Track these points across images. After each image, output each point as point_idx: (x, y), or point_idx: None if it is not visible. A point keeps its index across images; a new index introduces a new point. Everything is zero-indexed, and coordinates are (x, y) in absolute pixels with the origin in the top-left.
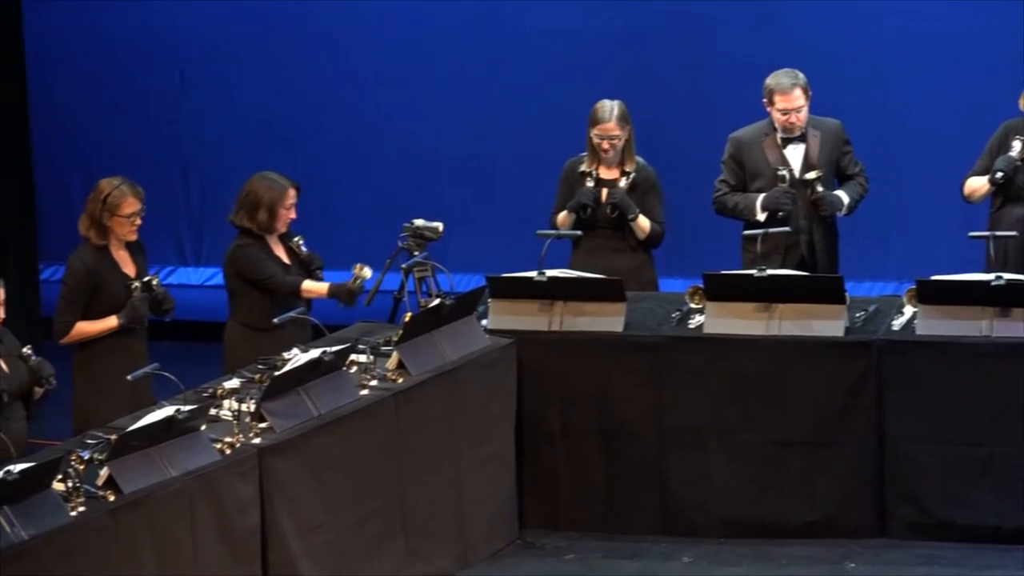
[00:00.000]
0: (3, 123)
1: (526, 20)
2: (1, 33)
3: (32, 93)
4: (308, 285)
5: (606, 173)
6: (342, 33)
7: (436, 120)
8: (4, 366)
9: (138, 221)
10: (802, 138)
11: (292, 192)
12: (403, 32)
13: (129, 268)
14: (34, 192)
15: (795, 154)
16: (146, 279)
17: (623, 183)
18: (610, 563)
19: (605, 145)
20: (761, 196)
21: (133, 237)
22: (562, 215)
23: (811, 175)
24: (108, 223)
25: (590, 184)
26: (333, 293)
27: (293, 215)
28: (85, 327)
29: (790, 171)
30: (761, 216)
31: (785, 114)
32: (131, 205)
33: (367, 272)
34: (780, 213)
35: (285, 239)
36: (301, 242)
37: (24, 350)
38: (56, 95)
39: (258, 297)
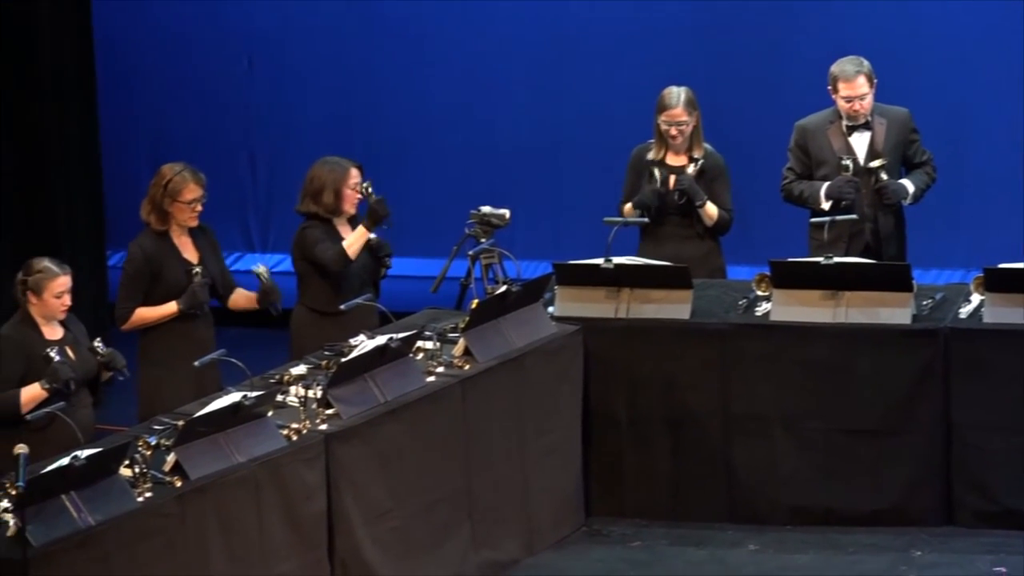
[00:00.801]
0: (71, 110)
1: (595, 6)
2: (71, 20)
3: (100, 80)
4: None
5: (674, 160)
6: (410, 20)
7: (504, 106)
8: (71, 353)
9: (199, 207)
10: (867, 126)
11: (354, 171)
12: (470, 18)
13: (191, 254)
14: (101, 178)
15: (860, 142)
16: (257, 270)
17: (691, 169)
18: (676, 550)
19: (673, 131)
20: (825, 184)
21: (194, 223)
22: (628, 207)
23: (875, 163)
24: (169, 209)
25: (654, 183)
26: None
27: (359, 195)
28: (145, 313)
29: (854, 160)
30: (825, 204)
31: (849, 101)
32: (192, 191)
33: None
34: (844, 202)
35: (355, 224)
36: (372, 193)
37: (95, 343)
38: (124, 82)
39: (325, 282)
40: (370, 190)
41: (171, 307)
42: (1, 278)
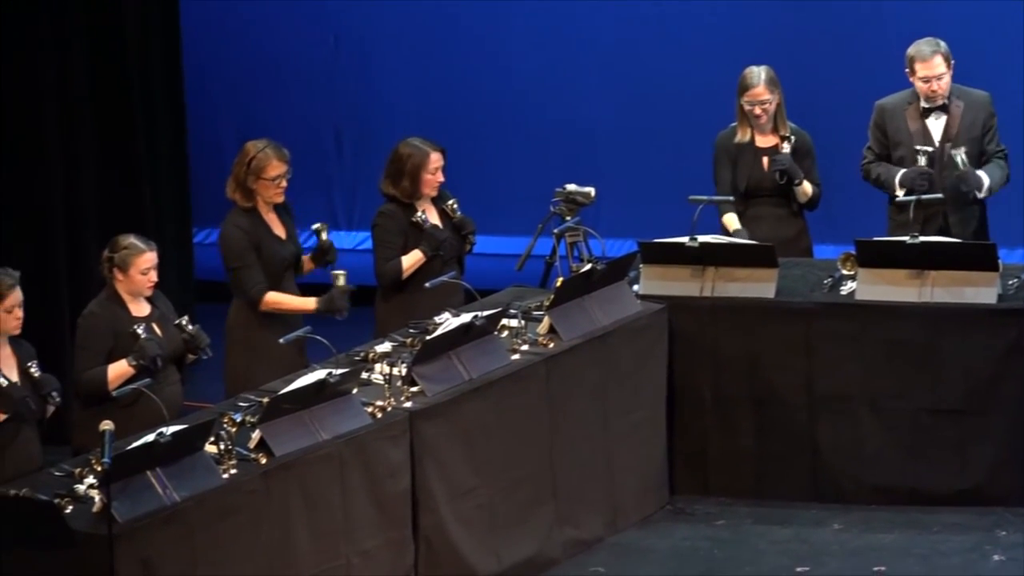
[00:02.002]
0: (158, 88)
1: None
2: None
3: (186, 57)
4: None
5: (763, 141)
6: None
7: (589, 84)
8: (158, 330)
9: (283, 183)
10: (944, 108)
11: (435, 156)
12: None
13: (279, 230)
14: (187, 156)
15: (936, 124)
16: (315, 227)
17: (786, 148)
18: (760, 529)
19: (757, 111)
20: (900, 173)
21: (279, 199)
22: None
23: (955, 152)
24: (253, 186)
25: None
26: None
27: (440, 179)
28: (281, 301)
29: (930, 154)
30: (900, 192)
31: (926, 82)
32: (276, 168)
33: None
34: (916, 193)
35: (439, 202)
36: (455, 205)
37: (182, 320)
38: (210, 59)
39: None
40: (455, 208)
41: (309, 304)
42: (88, 256)
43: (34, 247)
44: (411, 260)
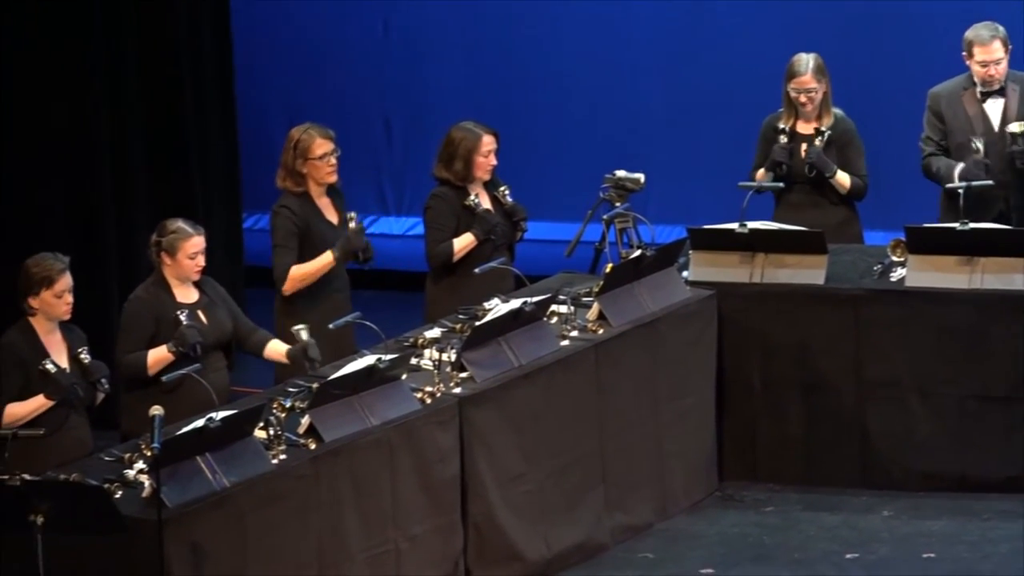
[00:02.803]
0: (208, 74)
1: None
2: None
3: (236, 44)
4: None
5: (803, 128)
6: None
7: (639, 70)
8: (203, 317)
9: (332, 161)
10: (1001, 92)
11: (488, 139)
12: None
13: (331, 215)
14: (237, 142)
15: (994, 108)
16: (349, 214)
17: (818, 141)
18: (810, 516)
19: (803, 99)
20: (959, 167)
21: (331, 179)
22: (760, 172)
23: (1014, 127)
24: (303, 169)
25: (783, 140)
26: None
27: (493, 162)
28: (302, 270)
29: (984, 142)
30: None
31: (984, 66)
32: (322, 146)
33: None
34: (975, 183)
35: (492, 188)
36: (507, 192)
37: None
38: (260, 46)
39: None
40: (506, 194)
41: (327, 257)
42: (138, 242)
43: (84, 233)
44: (463, 243)
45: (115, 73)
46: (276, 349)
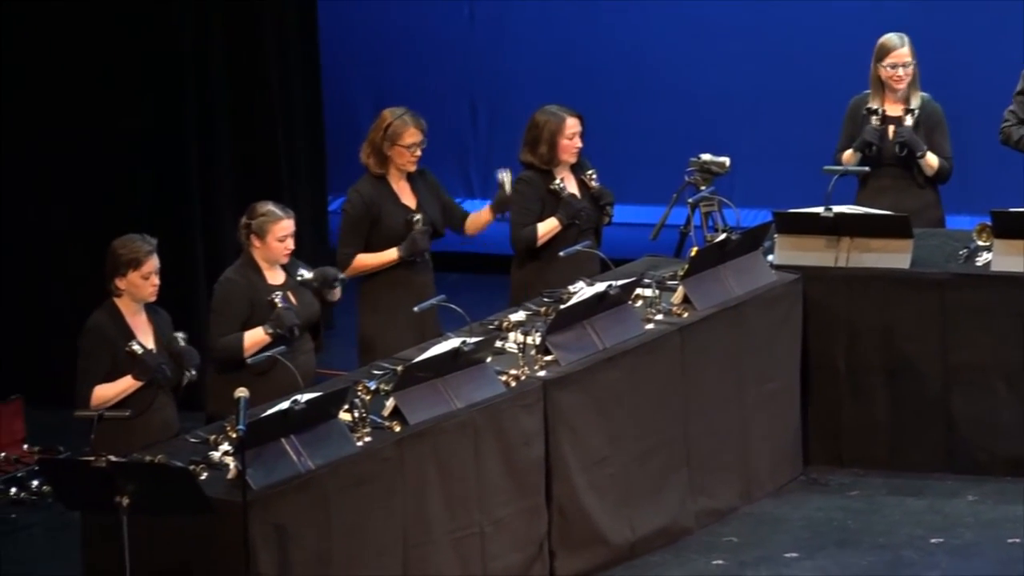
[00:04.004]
0: (294, 58)
1: None
2: None
3: (323, 28)
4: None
5: (892, 109)
6: None
7: (724, 54)
8: (293, 299)
9: (418, 152)
10: None
11: (572, 122)
12: None
13: (409, 199)
14: (323, 125)
15: None
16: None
17: (908, 120)
18: (894, 500)
19: (899, 73)
20: None
21: (412, 168)
22: (847, 153)
23: None
24: (388, 152)
25: (875, 121)
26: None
27: (578, 145)
28: (365, 260)
29: None
30: None
31: None
32: (412, 136)
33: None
34: None
35: (578, 172)
36: (594, 175)
37: (303, 272)
38: (347, 30)
39: None
40: (593, 178)
41: (391, 254)
42: (224, 225)
43: (171, 215)
44: (547, 227)
45: (201, 57)
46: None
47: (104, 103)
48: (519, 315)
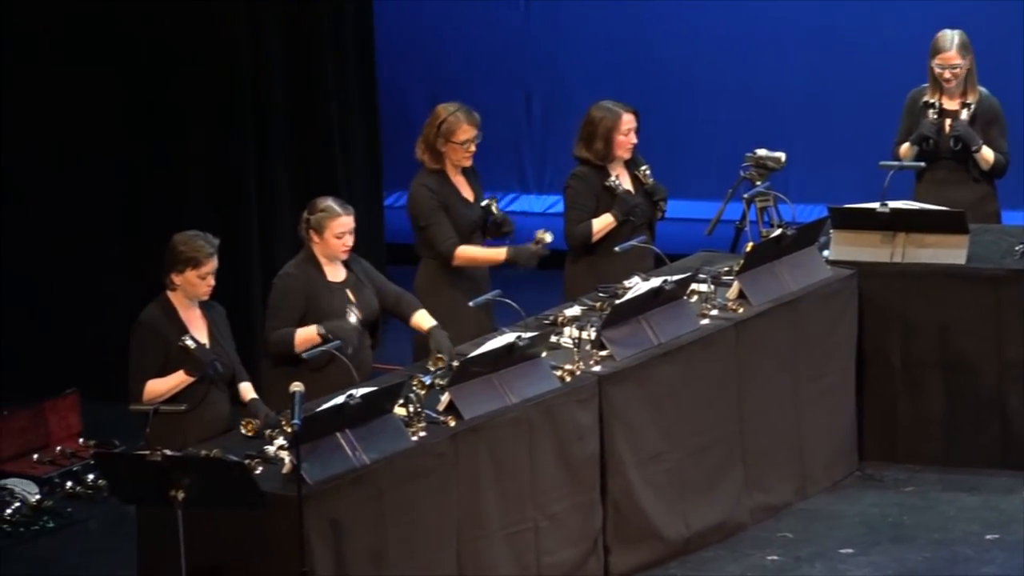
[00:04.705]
0: (349, 51)
1: None
2: None
3: (378, 19)
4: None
5: (949, 104)
6: None
7: (780, 48)
8: (352, 296)
9: (472, 148)
10: None
11: (628, 118)
12: None
13: (467, 193)
14: (378, 119)
15: None
16: (484, 203)
17: (964, 115)
18: (949, 496)
19: (947, 75)
20: None
21: (467, 163)
22: (904, 147)
23: None
24: (442, 148)
25: (932, 116)
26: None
27: (633, 140)
28: (473, 253)
29: None
30: None
31: None
32: (466, 132)
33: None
34: None
35: (632, 167)
36: (648, 171)
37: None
38: (402, 24)
39: None
40: (648, 174)
41: (500, 254)
42: (279, 222)
43: (227, 212)
44: (601, 224)
45: (258, 53)
46: (420, 323)
47: (161, 99)
48: (574, 310)
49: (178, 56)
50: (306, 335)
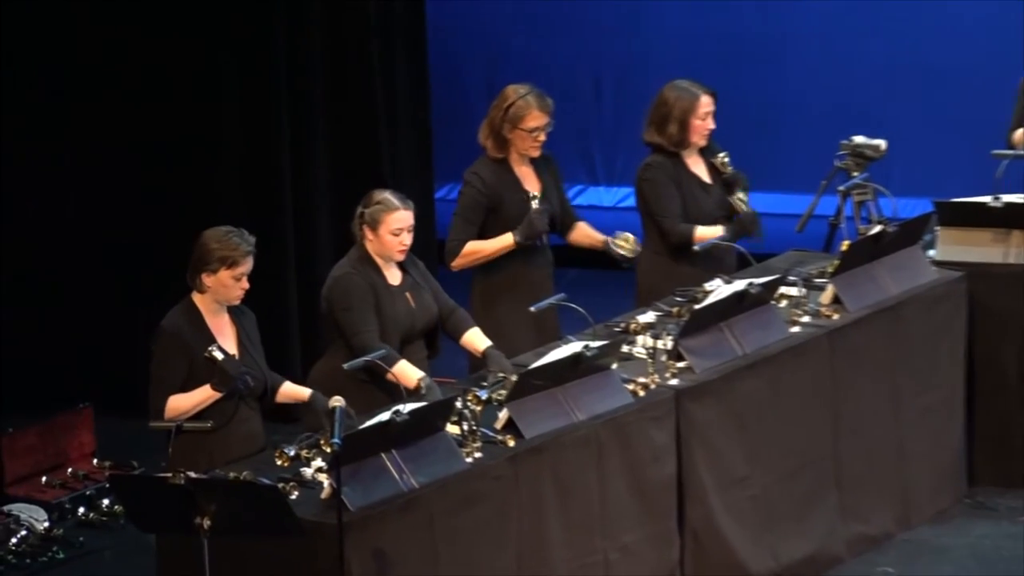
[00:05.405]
0: (396, 26)
1: None
2: None
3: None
4: (700, 232)
5: None
6: None
7: (880, 24)
8: (411, 301)
9: (542, 137)
10: None
11: (706, 100)
12: None
13: (531, 185)
14: (429, 102)
15: None
16: (719, 157)
17: None
18: None
19: None
20: None
21: (535, 153)
22: (1019, 133)
23: None
24: (508, 135)
25: None
26: (730, 234)
27: (711, 125)
28: (478, 246)
29: None
30: None
31: None
32: (536, 119)
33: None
34: None
35: (708, 155)
36: (726, 159)
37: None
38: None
39: None
40: (726, 162)
41: (507, 239)
42: (317, 215)
43: (258, 208)
44: (711, 232)
45: (295, 22)
46: (473, 342)
47: (188, 89)
48: (648, 316)
49: (211, 39)
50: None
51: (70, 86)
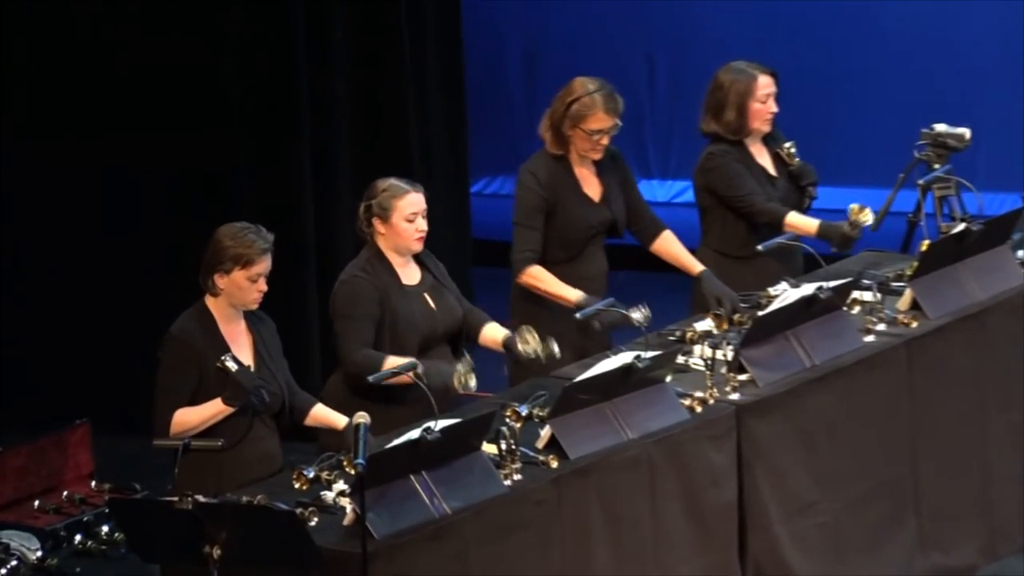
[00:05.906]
0: (428, 5)
1: None
2: None
3: None
4: (792, 219)
5: None
6: None
7: (964, 6)
8: (431, 302)
9: (604, 140)
10: None
11: (764, 80)
12: None
13: (591, 189)
14: (464, 90)
15: None
16: (785, 147)
17: None
18: None
19: None
20: None
21: (595, 156)
22: None
23: None
24: (568, 132)
25: None
26: (823, 234)
27: (772, 109)
28: (548, 286)
29: None
30: None
31: None
32: (600, 121)
33: (867, 216)
34: None
35: (773, 144)
36: (793, 149)
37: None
38: None
39: (735, 219)
40: (793, 152)
41: (571, 296)
42: (340, 210)
43: (275, 204)
44: (803, 221)
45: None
46: (492, 335)
47: (201, 83)
48: (706, 324)
49: (228, 28)
50: (397, 363)
51: (70, 86)
